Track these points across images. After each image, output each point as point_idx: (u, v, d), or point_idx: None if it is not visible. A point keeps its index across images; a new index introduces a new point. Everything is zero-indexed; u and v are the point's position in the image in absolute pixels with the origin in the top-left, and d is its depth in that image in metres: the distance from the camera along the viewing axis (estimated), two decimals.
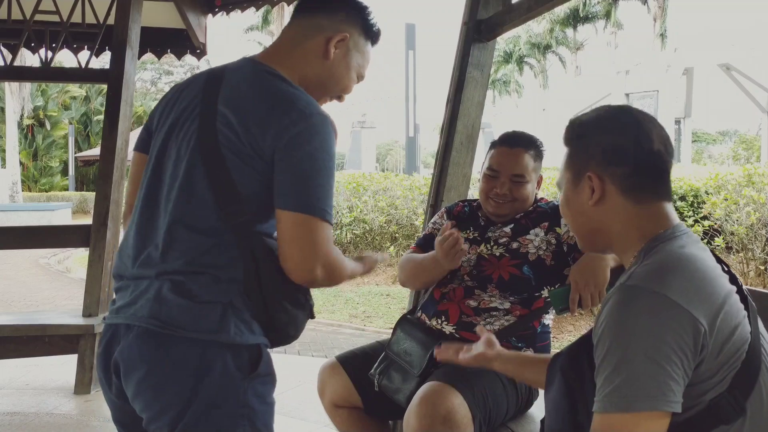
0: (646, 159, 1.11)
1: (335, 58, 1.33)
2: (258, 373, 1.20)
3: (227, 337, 1.16)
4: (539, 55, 34.56)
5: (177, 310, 1.15)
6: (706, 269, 1.02)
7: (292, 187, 1.16)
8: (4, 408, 3.40)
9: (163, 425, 1.16)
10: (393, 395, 1.92)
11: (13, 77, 5.09)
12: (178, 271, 1.17)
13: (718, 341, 0.97)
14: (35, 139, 30.41)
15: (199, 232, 1.19)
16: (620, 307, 0.99)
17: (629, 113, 1.16)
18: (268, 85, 1.23)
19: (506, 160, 2.00)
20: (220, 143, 1.18)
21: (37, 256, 12.52)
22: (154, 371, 1.15)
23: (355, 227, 8.94)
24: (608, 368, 0.96)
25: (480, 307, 1.92)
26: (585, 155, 1.15)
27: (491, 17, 2.84)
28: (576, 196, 1.17)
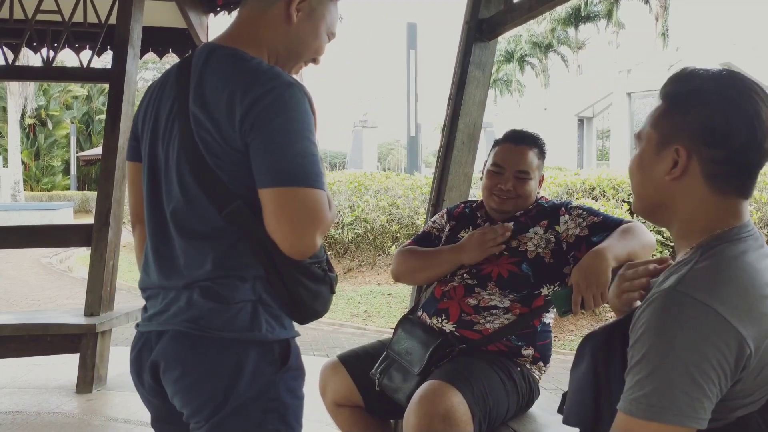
0: (748, 153, 0.99)
1: (300, 21, 1.28)
2: (288, 367, 1.22)
3: (260, 334, 1.18)
4: (541, 54, 34.56)
5: (209, 312, 1.17)
6: (763, 285, 0.94)
7: (269, 164, 1.11)
8: (6, 407, 3.41)
9: (202, 420, 1.18)
10: (393, 394, 1.93)
11: (15, 77, 5.08)
12: (205, 279, 1.18)
13: (762, 362, 0.92)
14: (37, 138, 30.45)
15: (209, 238, 1.19)
16: (666, 314, 0.92)
17: (753, 94, 0.99)
18: (229, 70, 1.18)
19: (511, 157, 2.02)
20: (200, 146, 1.16)
21: (39, 256, 12.54)
22: (189, 372, 1.17)
23: (356, 226, 8.94)
24: (642, 372, 0.92)
25: (480, 306, 1.92)
26: (683, 122, 1.01)
27: (493, 16, 2.84)
28: (654, 163, 1.05)
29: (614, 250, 1.71)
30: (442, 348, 1.89)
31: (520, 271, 1.93)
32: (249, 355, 1.17)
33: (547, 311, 1.96)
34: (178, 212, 1.20)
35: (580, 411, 1.10)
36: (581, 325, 5.82)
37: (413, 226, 8.68)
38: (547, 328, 2.00)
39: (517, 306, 1.92)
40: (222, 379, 1.16)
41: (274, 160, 1.11)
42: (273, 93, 1.12)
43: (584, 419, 1.09)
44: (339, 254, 9.44)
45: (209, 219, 1.18)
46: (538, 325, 1.96)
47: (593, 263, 1.71)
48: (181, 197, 1.20)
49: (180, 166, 1.19)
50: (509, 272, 1.94)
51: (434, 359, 1.88)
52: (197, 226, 1.19)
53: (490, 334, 1.90)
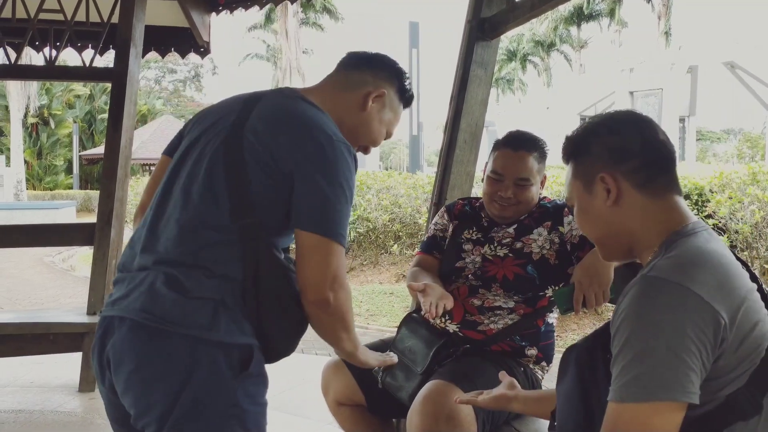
0: (652, 150, 1.12)
1: (371, 111, 1.43)
2: (249, 373, 1.21)
3: (218, 335, 1.16)
4: (543, 53, 34.51)
5: (169, 304, 1.16)
6: (728, 264, 1.02)
7: (313, 209, 1.20)
8: (9, 406, 3.42)
9: (152, 421, 1.16)
10: (396, 393, 1.93)
11: (17, 76, 5.09)
12: (174, 262, 1.19)
13: (739, 335, 0.97)
14: (40, 137, 30.49)
15: (207, 227, 1.20)
16: (642, 299, 0.98)
17: (623, 113, 1.19)
18: (303, 108, 1.30)
19: (510, 164, 1.97)
20: (244, 147, 1.22)
21: (41, 255, 12.55)
22: (144, 365, 1.16)
23: (358, 226, 8.94)
24: (627, 358, 0.96)
25: (484, 306, 1.92)
26: (591, 160, 1.15)
27: (495, 15, 2.84)
28: (591, 203, 1.16)
29: None
30: (445, 348, 1.89)
31: (525, 273, 1.92)
32: (205, 355, 1.15)
33: (551, 311, 1.96)
34: (192, 201, 1.23)
35: (572, 418, 1.11)
36: (583, 324, 5.82)
37: (415, 225, 8.67)
38: (550, 328, 2.00)
39: (522, 306, 1.91)
40: (175, 376, 1.15)
41: (319, 207, 1.21)
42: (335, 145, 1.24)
43: (577, 425, 1.10)
44: None
45: (220, 215, 1.21)
46: (542, 325, 1.96)
47: (595, 262, 1.70)
48: (203, 187, 1.23)
49: (215, 160, 1.24)
50: (515, 274, 1.93)
51: (438, 359, 1.87)
52: (204, 216, 1.21)
53: (494, 334, 1.90)
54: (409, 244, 8.73)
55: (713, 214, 5.73)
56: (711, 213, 5.76)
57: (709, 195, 5.91)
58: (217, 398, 1.17)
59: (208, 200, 1.22)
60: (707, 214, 5.79)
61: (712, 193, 5.88)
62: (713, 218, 5.72)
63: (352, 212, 8.91)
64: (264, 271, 1.20)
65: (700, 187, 6.16)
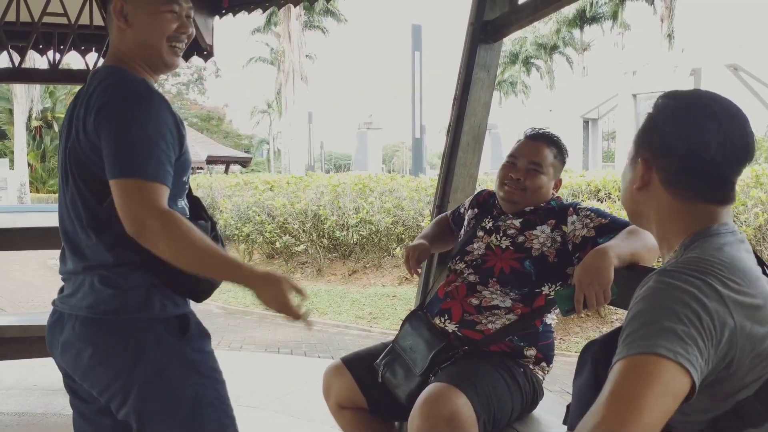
0: (693, 161, 1.06)
1: (131, 23, 1.44)
2: (190, 335, 1.43)
3: (154, 313, 1.38)
4: (546, 55, 34.52)
5: (108, 298, 1.37)
6: (746, 269, 1.01)
7: (109, 159, 1.32)
8: (12, 408, 3.42)
9: (119, 389, 1.38)
10: (394, 389, 1.94)
11: (21, 79, 5.11)
12: (102, 266, 1.38)
13: (752, 341, 0.95)
14: (43, 140, 30.57)
15: (99, 230, 1.38)
16: (658, 284, 0.97)
17: (708, 111, 1.07)
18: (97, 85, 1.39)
19: (525, 148, 2.04)
20: (77, 150, 1.38)
21: (45, 257, 12.57)
22: (99, 350, 1.37)
23: (361, 228, 8.94)
24: (635, 324, 0.94)
25: (482, 306, 1.93)
26: (648, 137, 1.12)
27: (498, 18, 2.84)
28: (628, 174, 1.17)
29: (617, 249, 1.70)
30: (444, 351, 1.89)
31: (522, 268, 1.93)
32: (150, 331, 1.38)
33: (549, 312, 1.96)
34: (73, 209, 1.42)
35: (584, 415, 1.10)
36: (586, 327, 5.81)
37: (418, 228, 8.67)
38: (548, 328, 2.00)
39: (519, 305, 1.91)
40: (127, 353, 1.36)
41: (111, 155, 1.33)
42: (108, 94, 1.35)
43: None
44: (344, 256, 9.44)
45: (96, 211, 1.38)
46: (540, 325, 1.96)
47: (595, 261, 1.70)
48: (72, 194, 1.41)
49: (69, 170, 1.41)
50: (511, 268, 1.94)
51: (436, 362, 1.88)
52: (87, 220, 1.39)
53: (492, 334, 1.90)
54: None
55: None
56: None
57: None
58: (171, 360, 1.39)
59: (82, 204, 1.40)
60: None
61: None
62: None
63: (355, 215, 8.92)
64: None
65: None
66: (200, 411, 1.41)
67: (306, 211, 9.30)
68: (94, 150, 1.35)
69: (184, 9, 1.47)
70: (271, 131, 42.84)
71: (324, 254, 9.45)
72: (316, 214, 9.26)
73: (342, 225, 9.11)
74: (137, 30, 1.44)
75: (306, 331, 6.60)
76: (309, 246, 9.33)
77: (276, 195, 9.91)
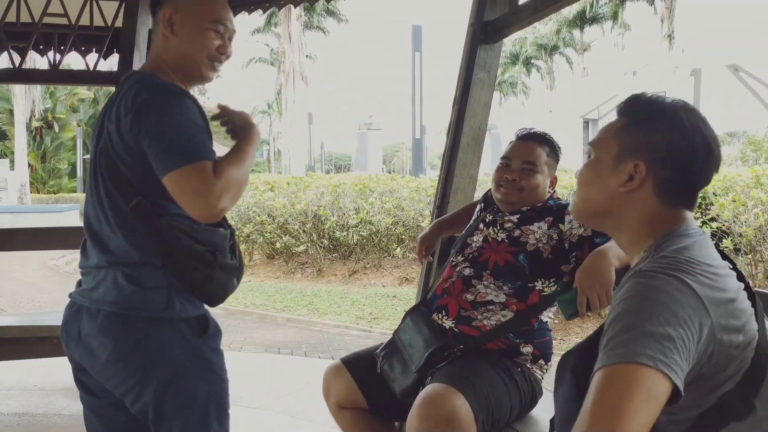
0: (699, 176, 1.09)
1: (178, 36, 1.49)
2: (209, 334, 1.49)
3: (175, 312, 1.43)
4: (546, 56, 34.51)
5: (132, 295, 1.41)
6: (716, 265, 1.03)
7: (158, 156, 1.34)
8: (12, 409, 3.42)
9: (136, 384, 1.42)
10: (390, 383, 1.96)
11: (21, 80, 5.11)
12: (127, 264, 1.42)
13: (728, 333, 0.97)
14: (44, 141, 30.57)
15: (126, 229, 1.42)
16: (637, 286, 0.98)
17: (707, 123, 1.11)
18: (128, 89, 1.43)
19: (518, 149, 2.06)
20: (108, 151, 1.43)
21: (45, 258, 12.58)
22: (120, 345, 1.41)
23: (361, 229, 8.95)
24: (615, 329, 0.94)
25: (477, 301, 1.93)
26: (647, 141, 1.09)
27: (498, 18, 2.84)
28: (610, 173, 1.12)
29: (616, 250, 1.71)
30: (441, 350, 1.89)
31: (516, 261, 1.94)
32: (172, 329, 1.43)
33: (545, 309, 1.96)
34: (99, 206, 1.46)
35: (570, 425, 1.10)
36: (587, 327, 5.81)
37: (418, 229, 8.67)
38: (544, 326, 2.00)
39: (513, 301, 1.92)
40: (147, 350, 1.41)
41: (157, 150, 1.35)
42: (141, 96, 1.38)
43: None
44: (344, 256, 9.44)
45: (121, 210, 1.42)
46: (535, 323, 1.96)
47: (595, 263, 1.70)
48: (100, 192, 1.45)
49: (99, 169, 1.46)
50: (505, 261, 1.95)
51: (432, 361, 1.88)
52: (113, 217, 1.43)
53: (488, 331, 1.91)
54: (412, 247, 8.72)
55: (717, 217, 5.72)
56: (715, 216, 5.75)
57: (712, 198, 5.90)
58: (190, 358, 1.44)
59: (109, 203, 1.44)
60: (711, 217, 5.78)
61: (716, 196, 5.87)
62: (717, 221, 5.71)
63: (355, 216, 8.92)
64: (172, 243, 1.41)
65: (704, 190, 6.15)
66: (209, 409, 1.47)
67: (306, 212, 9.30)
68: (128, 151, 1.39)
69: (229, 31, 1.54)
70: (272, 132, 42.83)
71: (324, 255, 9.45)
72: (316, 215, 9.26)
73: (342, 225, 9.11)
74: (181, 41, 1.49)
75: (306, 331, 6.60)
76: (309, 246, 9.34)
77: (276, 195, 9.91)
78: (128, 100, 1.38)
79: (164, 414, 1.43)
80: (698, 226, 1.13)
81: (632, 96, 1.17)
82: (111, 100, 1.49)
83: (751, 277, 5.68)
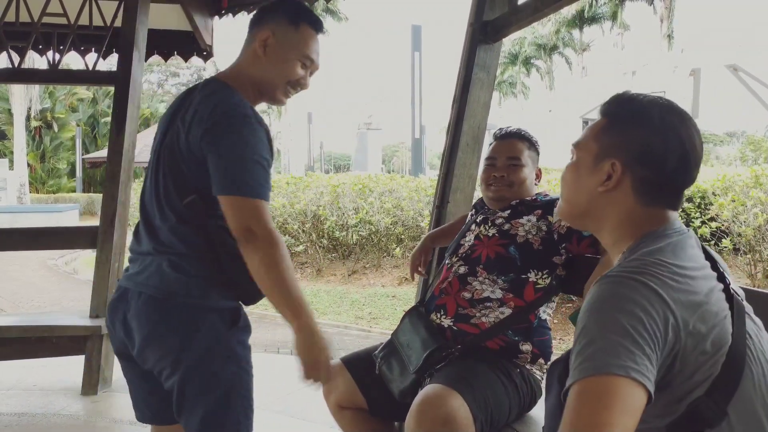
0: (676, 176, 1.08)
1: (269, 57, 1.59)
2: (238, 327, 1.56)
3: (211, 302, 1.52)
4: (545, 56, 34.52)
5: (175, 282, 1.50)
6: (688, 267, 1.01)
7: (218, 176, 1.45)
8: (12, 409, 3.42)
9: (166, 365, 1.51)
10: (388, 384, 1.96)
11: (21, 79, 5.11)
12: (174, 252, 1.52)
13: (695, 339, 0.95)
14: (43, 141, 30.57)
15: (176, 221, 1.52)
16: (601, 293, 0.97)
17: (689, 122, 1.09)
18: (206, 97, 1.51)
19: (500, 147, 2.13)
20: (173, 148, 1.52)
21: (44, 258, 12.58)
22: (158, 326, 1.51)
23: (361, 229, 8.95)
24: (582, 342, 0.94)
25: (474, 299, 1.94)
26: (622, 140, 1.09)
27: (497, 18, 2.84)
28: (589, 173, 1.12)
29: None
30: (438, 352, 1.89)
31: (507, 253, 1.97)
32: (205, 317, 1.51)
33: (541, 305, 1.97)
34: (158, 199, 1.55)
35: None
36: None
37: (418, 228, 8.67)
38: (544, 324, 2.00)
39: (510, 296, 1.93)
40: (181, 332, 1.50)
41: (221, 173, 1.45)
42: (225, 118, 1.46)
43: None
44: (343, 256, 9.45)
45: (175, 208, 1.52)
46: (534, 320, 1.96)
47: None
48: (161, 188, 1.55)
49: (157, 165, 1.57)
50: (496, 253, 1.98)
51: (431, 362, 1.88)
52: (169, 210, 1.53)
53: (487, 329, 1.91)
54: (411, 247, 8.73)
55: (716, 217, 5.73)
56: (714, 216, 5.75)
57: (712, 198, 5.90)
58: (217, 346, 1.52)
59: (165, 199, 1.54)
60: (710, 217, 5.79)
61: (715, 196, 5.88)
62: (716, 221, 5.72)
63: (355, 216, 8.92)
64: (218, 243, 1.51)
65: (703, 190, 6.16)
66: (230, 398, 1.53)
67: (305, 212, 9.30)
68: (191, 155, 1.48)
69: (314, 65, 1.65)
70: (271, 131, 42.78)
71: (323, 254, 9.45)
72: (315, 215, 9.26)
73: (341, 225, 9.11)
74: (269, 62, 1.59)
75: None
76: (309, 246, 9.34)
77: (275, 195, 9.91)
78: (205, 110, 1.47)
79: (187, 397, 1.51)
80: (684, 226, 1.12)
81: (614, 96, 1.17)
82: (185, 99, 1.57)
83: (751, 276, 5.69)
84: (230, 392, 1.53)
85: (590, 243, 1.91)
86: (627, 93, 1.16)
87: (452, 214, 2.86)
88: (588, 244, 1.91)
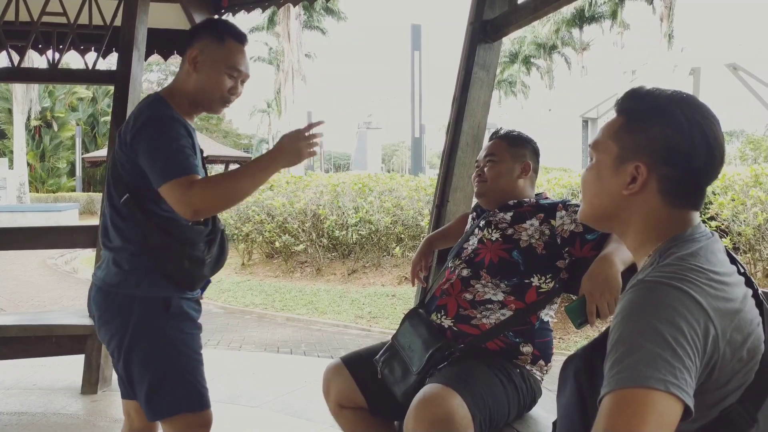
0: (702, 173, 1.04)
1: (200, 73, 1.79)
2: (171, 314, 1.76)
3: (142, 292, 1.75)
4: (545, 55, 34.51)
5: (115, 275, 1.77)
6: (722, 273, 0.99)
7: (150, 173, 1.66)
8: (11, 408, 3.42)
9: (114, 347, 1.78)
10: (391, 387, 1.95)
11: (20, 78, 5.11)
12: (114, 248, 1.78)
13: (732, 347, 0.94)
14: (42, 140, 30.56)
15: (118, 220, 1.75)
16: (639, 298, 0.94)
17: (711, 117, 1.05)
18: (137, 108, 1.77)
19: (485, 148, 2.22)
20: (114, 153, 1.78)
21: (44, 257, 12.58)
22: (104, 314, 1.78)
23: (360, 228, 8.95)
24: (620, 350, 0.91)
25: (475, 300, 1.94)
26: (644, 138, 1.05)
27: (497, 17, 2.84)
28: (612, 176, 1.08)
29: (620, 254, 1.71)
30: (440, 351, 1.89)
31: (510, 258, 1.96)
32: (139, 305, 1.74)
33: (543, 308, 1.96)
34: (106, 200, 1.80)
35: (573, 429, 1.09)
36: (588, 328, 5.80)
37: (417, 228, 8.68)
38: (545, 326, 2.00)
39: (511, 299, 1.93)
40: (119, 319, 1.75)
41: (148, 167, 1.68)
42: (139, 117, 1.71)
43: None
44: (343, 255, 9.45)
45: (116, 205, 1.75)
46: (536, 321, 1.96)
47: (602, 270, 1.70)
48: (107, 189, 1.80)
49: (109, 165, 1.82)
50: (500, 258, 1.97)
51: (432, 362, 1.88)
52: (112, 210, 1.77)
53: (488, 330, 1.91)
54: (411, 246, 8.73)
55: (716, 216, 5.73)
56: (714, 215, 5.75)
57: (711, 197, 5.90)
58: (150, 330, 1.75)
59: (111, 199, 1.77)
60: (710, 216, 5.78)
61: (715, 195, 5.87)
62: (716, 220, 5.72)
63: (355, 215, 8.92)
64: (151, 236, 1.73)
65: None
66: (167, 379, 1.75)
67: (305, 211, 9.30)
68: (127, 158, 1.71)
69: (242, 75, 1.83)
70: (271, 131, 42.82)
71: (323, 254, 9.45)
72: (315, 214, 9.26)
73: (341, 224, 9.11)
74: (200, 77, 1.79)
75: (305, 330, 6.60)
76: (308, 245, 9.34)
77: (275, 194, 9.91)
78: (133, 118, 1.71)
79: (130, 376, 1.77)
80: (708, 229, 1.09)
81: (629, 91, 1.12)
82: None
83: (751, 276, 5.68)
84: (167, 374, 1.75)
85: (593, 246, 1.89)
86: (643, 87, 1.10)
87: (452, 214, 2.86)
88: (591, 248, 1.90)
